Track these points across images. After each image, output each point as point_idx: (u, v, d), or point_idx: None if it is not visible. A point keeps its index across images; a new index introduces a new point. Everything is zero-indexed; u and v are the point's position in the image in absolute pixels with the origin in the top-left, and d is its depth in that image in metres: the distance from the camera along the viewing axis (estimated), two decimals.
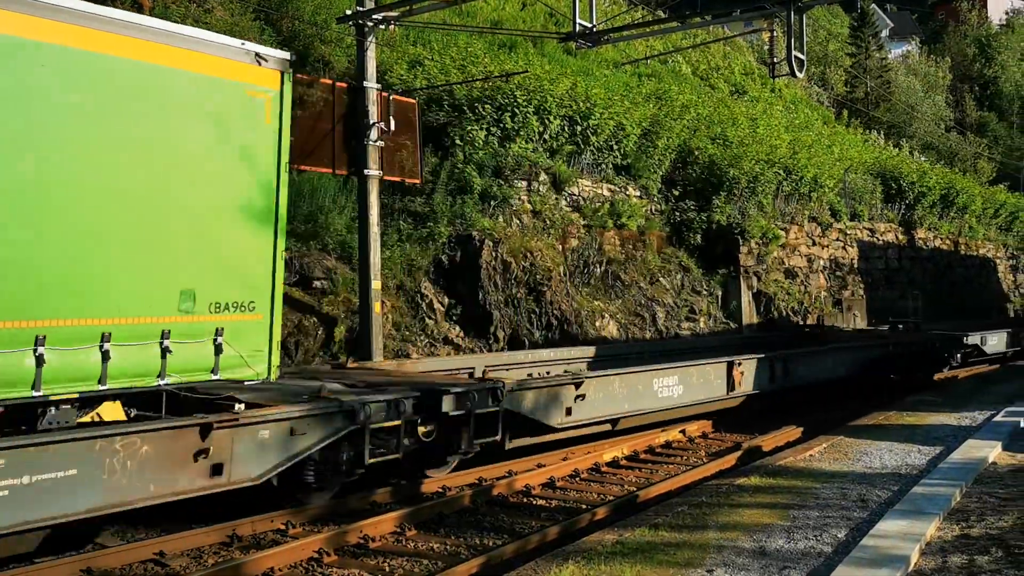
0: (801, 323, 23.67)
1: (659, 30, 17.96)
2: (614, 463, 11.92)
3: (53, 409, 7.12)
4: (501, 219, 18.36)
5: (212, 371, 7.93)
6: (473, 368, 13.12)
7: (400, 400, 9.11)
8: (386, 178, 14.76)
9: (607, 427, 12.20)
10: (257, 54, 8.44)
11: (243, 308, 8.15)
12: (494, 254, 17.23)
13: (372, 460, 8.90)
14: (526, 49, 27.50)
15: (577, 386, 11.24)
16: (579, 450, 12.14)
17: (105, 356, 7.14)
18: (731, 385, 13.97)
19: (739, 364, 14.20)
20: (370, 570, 7.59)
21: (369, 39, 14.08)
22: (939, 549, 6.97)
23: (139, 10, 16.19)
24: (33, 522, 6.55)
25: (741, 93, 41.02)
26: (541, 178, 19.63)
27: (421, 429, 9.40)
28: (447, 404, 9.45)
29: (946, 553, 6.85)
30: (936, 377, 20.81)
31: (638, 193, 22.51)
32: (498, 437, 10.15)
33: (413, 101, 15.56)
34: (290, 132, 8.88)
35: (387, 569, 7.62)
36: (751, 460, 11.58)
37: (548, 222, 19.38)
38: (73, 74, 7.09)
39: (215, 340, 7.88)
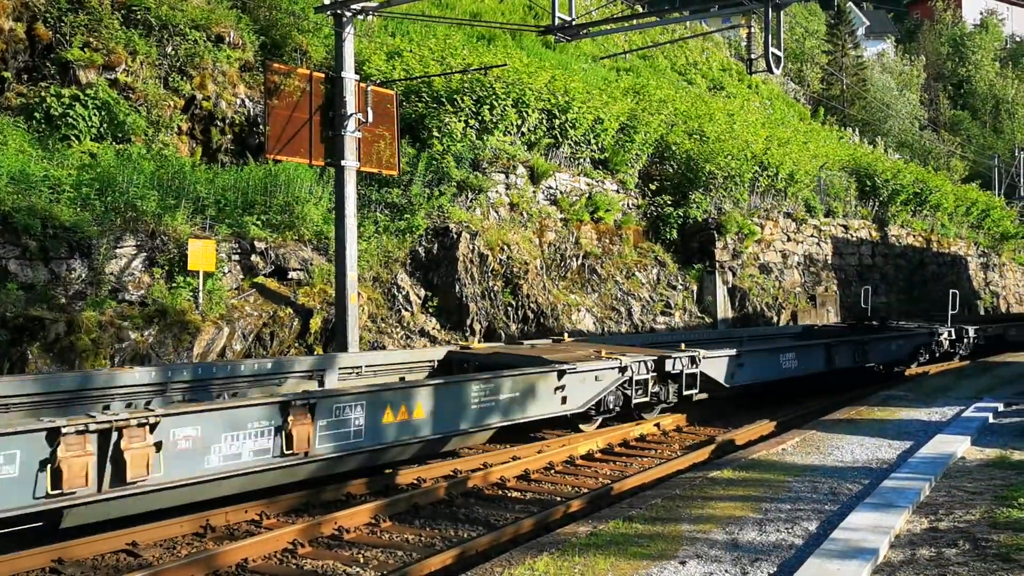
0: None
1: (638, 25, 18.01)
2: (588, 456, 11.97)
3: None
4: (478, 211, 18.36)
5: None
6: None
7: (647, 361, 12.80)
8: (363, 169, 14.71)
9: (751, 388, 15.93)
10: None
11: None
12: (471, 246, 17.23)
13: (636, 401, 12.71)
14: (505, 42, 27.52)
15: (739, 357, 14.62)
16: (554, 443, 12.18)
17: None
18: (829, 362, 17.37)
19: (834, 347, 17.82)
20: (345, 561, 7.58)
21: (347, 29, 14.01)
22: (908, 542, 7.06)
23: None
24: None
25: (718, 89, 41.25)
26: (519, 171, 19.64)
27: (650, 383, 12.90)
28: (669, 365, 13.02)
29: (915, 546, 6.94)
30: (907, 372, 21.05)
31: (615, 187, 22.58)
32: (696, 390, 13.60)
33: (391, 92, 15.51)
34: (266, 122, 8.81)
35: (362, 560, 7.62)
36: (724, 454, 11.67)
37: (525, 215, 19.40)
38: None
39: None
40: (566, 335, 16.05)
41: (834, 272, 28.43)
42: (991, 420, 12.86)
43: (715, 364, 14.07)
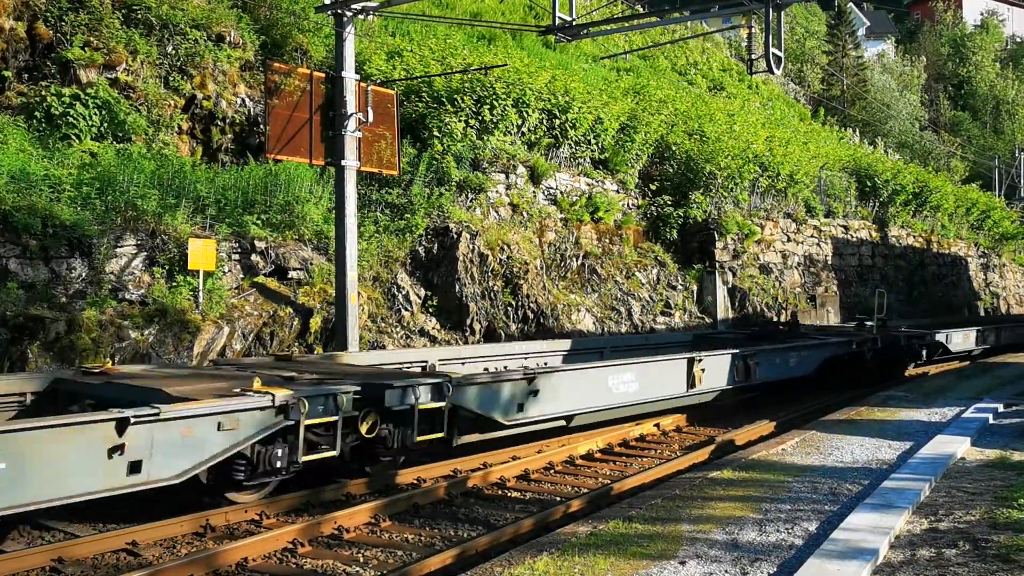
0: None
1: (638, 25, 18.02)
2: (588, 456, 11.96)
3: None
4: (478, 211, 18.36)
5: None
6: (427, 361, 12.74)
7: (337, 394, 8.63)
8: (363, 169, 14.71)
9: (561, 423, 11.64)
10: None
11: None
12: (471, 246, 17.23)
13: (307, 458, 8.46)
14: (505, 42, 27.53)
15: (530, 381, 10.56)
16: (554, 443, 12.17)
17: None
18: (691, 382, 13.27)
19: (699, 361, 13.48)
20: (344, 561, 7.58)
21: (348, 29, 14.01)
22: (908, 542, 7.05)
23: None
24: None
25: (719, 89, 41.25)
26: (519, 171, 19.65)
27: (363, 425, 8.93)
28: (390, 398, 8.97)
29: (915, 546, 6.94)
30: (907, 373, 21.04)
31: (615, 187, 22.58)
32: (443, 433, 9.64)
33: (391, 92, 15.51)
34: (267, 121, 8.72)
35: (361, 560, 7.61)
36: (724, 454, 11.66)
37: (525, 215, 19.40)
38: None
39: None
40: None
41: (834, 273, 28.42)
42: (991, 421, 12.86)
43: (486, 393, 10.06)
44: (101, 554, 7.53)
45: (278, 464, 8.32)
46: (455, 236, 17.17)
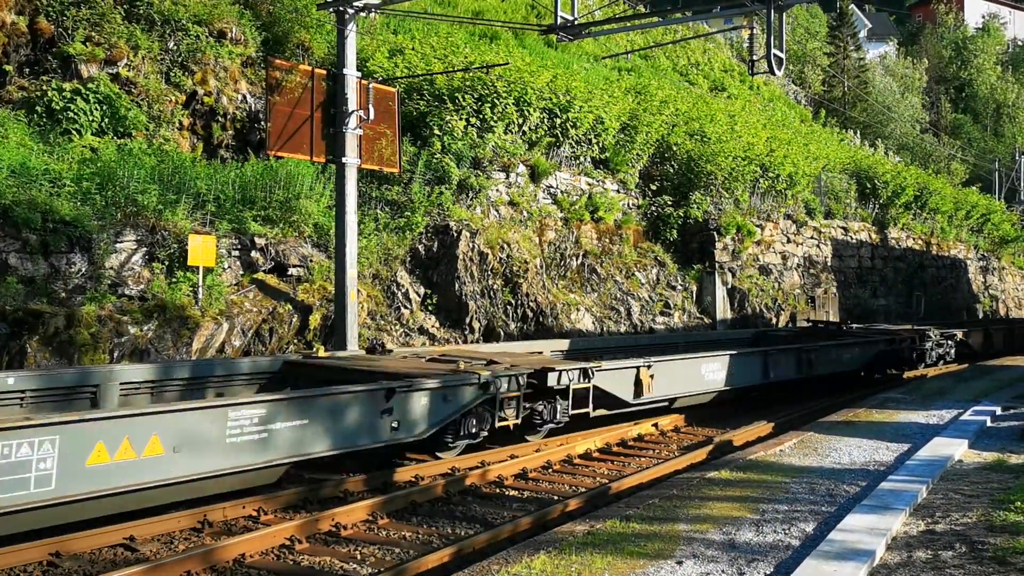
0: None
1: (640, 25, 18.03)
2: (586, 455, 11.97)
3: None
4: (479, 210, 18.35)
5: None
6: (542, 351, 14.66)
7: (519, 375, 11.02)
8: (364, 166, 14.72)
9: (665, 404, 13.91)
10: None
11: None
12: (471, 245, 17.23)
13: (500, 424, 10.89)
14: (507, 40, 27.53)
15: (648, 368, 12.96)
16: (552, 442, 12.19)
17: None
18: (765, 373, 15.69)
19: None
20: (342, 557, 7.58)
21: (349, 26, 14.01)
22: (905, 544, 7.06)
23: None
24: None
25: (720, 90, 41.23)
26: (519, 170, 19.64)
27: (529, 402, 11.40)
28: (552, 380, 11.41)
29: (912, 548, 6.95)
30: (906, 375, 21.05)
31: (616, 187, 22.58)
32: (590, 409, 12.07)
33: (393, 90, 15.51)
34: (268, 118, 8.73)
35: (359, 557, 7.62)
36: (722, 454, 11.67)
37: (525, 214, 19.40)
38: None
39: None
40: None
41: (833, 274, 28.42)
42: (989, 423, 12.87)
43: (615, 376, 12.50)
44: (99, 548, 7.53)
45: (474, 429, 10.66)
46: (455, 234, 17.18)
